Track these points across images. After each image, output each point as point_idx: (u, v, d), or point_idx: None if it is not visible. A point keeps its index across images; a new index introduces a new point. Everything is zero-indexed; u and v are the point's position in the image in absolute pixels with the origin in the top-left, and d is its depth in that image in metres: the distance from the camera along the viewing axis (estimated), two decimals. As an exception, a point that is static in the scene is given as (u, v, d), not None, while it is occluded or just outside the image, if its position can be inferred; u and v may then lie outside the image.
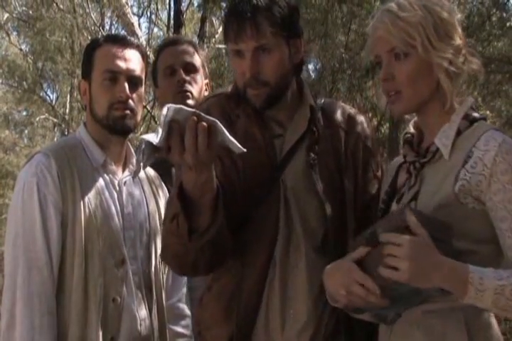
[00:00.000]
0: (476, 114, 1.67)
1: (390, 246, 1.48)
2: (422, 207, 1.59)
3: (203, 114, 1.53)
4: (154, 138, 1.50)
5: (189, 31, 11.72)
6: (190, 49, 2.61)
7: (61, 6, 13.98)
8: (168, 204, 1.76)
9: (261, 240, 1.77)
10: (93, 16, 13.18)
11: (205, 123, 1.51)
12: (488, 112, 7.54)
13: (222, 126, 1.53)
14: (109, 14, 13.78)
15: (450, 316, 1.57)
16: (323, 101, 1.91)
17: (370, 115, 10.11)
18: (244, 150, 1.53)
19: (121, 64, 2.07)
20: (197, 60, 2.60)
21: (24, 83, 14.50)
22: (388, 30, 1.62)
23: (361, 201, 1.84)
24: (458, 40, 1.65)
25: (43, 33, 13.63)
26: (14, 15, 14.85)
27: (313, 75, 12.85)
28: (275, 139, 1.82)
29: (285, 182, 1.79)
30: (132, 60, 2.09)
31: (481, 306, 1.51)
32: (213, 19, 12.98)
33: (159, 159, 1.63)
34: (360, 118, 1.92)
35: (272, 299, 1.77)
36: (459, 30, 1.67)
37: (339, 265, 1.63)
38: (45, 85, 15.10)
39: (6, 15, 15.13)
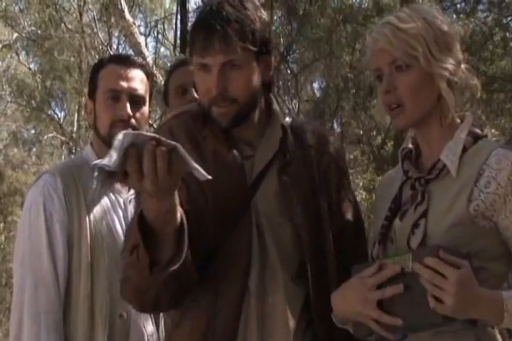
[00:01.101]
0: (478, 131, 1.66)
1: (436, 277, 1.45)
2: (433, 225, 1.57)
3: (163, 138, 1.40)
4: (107, 162, 1.37)
5: (195, 51, 11.81)
6: None
7: (69, 26, 14.13)
8: (128, 234, 1.59)
9: (233, 270, 1.63)
10: (101, 36, 13.31)
11: (164, 148, 1.38)
12: (493, 130, 7.57)
13: (184, 151, 1.40)
14: (116, 34, 13.94)
15: (462, 336, 1.56)
16: (291, 120, 1.80)
17: (374, 133, 10.16)
18: (209, 177, 1.39)
19: (123, 83, 2.10)
20: None
21: (33, 102, 14.61)
22: (389, 41, 1.60)
23: (336, 223, 1.74)
24: (457, 53, 1.65)
25: (52, 53, 13.77)
26: (23, 34, 14.99)
27: (318, 94, 12.94)
28: (245, 160, 1.69)
29: (257, 206, 1.67)
30: (135, 80, 2.13)
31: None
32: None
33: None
34: (331, 137, 1.83)
35: (248, 335, 1.64)
36: (458, 44, 1.66)
37: (348, 285, 1.61)
38: (53, 104, 15.22)
39: (15, 34, 15.28)
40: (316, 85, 14.18)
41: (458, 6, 9.09)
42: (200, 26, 1.64)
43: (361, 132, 10.63)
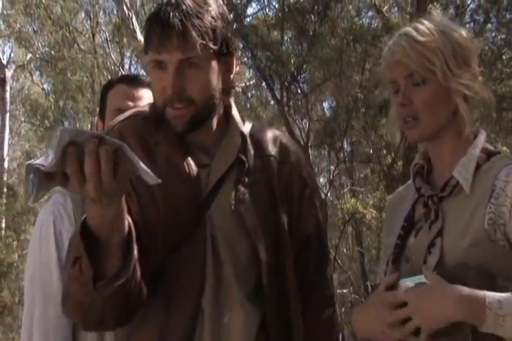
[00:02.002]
0: (491, 147, 1.63)
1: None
2: (450, 244, 1.54)
3: (106, 137, 1.24)
4: (42, 161, 1.19)
5: (207, 70, 11.92)
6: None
7: (82, 47, 14.29)
8: (70, 244, 1.43)
9: (186, 287, 1.51)
10: (113, 56, 13.47)
11: (108, 147, 1.22)
12: (504, 148, 7.60)
13: (131, 152, 1.25)
14: (128, 54, 14.10)
15: None
16: (252, 126, 1.66)
17: (384, 152, 10.20)
18: (159, 181, 1.24)
19: (130, 103, 2.13)
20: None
21: (46, 121, 14.72)
22: (407, 54, 1.57)
23: (297, 237, 1.64)
24: (475, 67, 1.62)
25: (65, 73, 13.91)
26: (37, 55, 15.19)
27: (328, 113, 13.02)
28: (201, 169, 1.56)
29: (212, 219, 1.54)
30: (142, 99, 2.14)
31: (503, 335, 1.42)
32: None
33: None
34: (294, 146, 1.71)
35: None
36: (476, 56, 1.63)
37: (369, 303, 1.59)
38: (66, 123, 15.30)
39: (29, 55, 15.49)
40: (326, 105, 14.26)
41: (467, 25, 9.18)
42: (157, 19, 1.49)
43: (371, 151, 10.69)
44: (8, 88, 14.24)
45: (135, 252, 1.38)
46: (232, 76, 1.57)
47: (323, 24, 10.08)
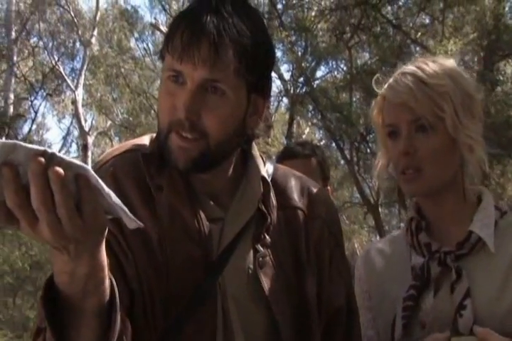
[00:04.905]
0: (503, 205, 1.51)
1: None
2: (483, 307, 1.38)
3: (59, 154, 0.83)
4: None
5: (277, 132, 12.27)
6: (312, 163, 2.31)
7: (159, 113, 14.92)
8: (38, 310, 1.02)
9: None
10: (188, 121, 14.02)
11: (60, 170, 0.81)
12: None
13: (99, 180, 0.85)
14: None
15: None
16: (274, 168, 1.33)
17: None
18: (141, 225, 0.90)
19: None
20: (317, 175, 2.30)
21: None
22: (414, 97, 1.37)
23: (326, 310, 1.30)
24: (479, 120, 1.45)
25: (143, 138, 14.54)
26: (116, 122, 15.95)
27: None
28: (212, 224, 1.22)
29: (224, 287, 1.21)
30: None
31: None
32: (300, 121, 13.56)
33: None
34: (325, 197, 1.37)
35: None
36: (481, 109, 1.46)
37: None
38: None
39: (109, 122, 16.27)
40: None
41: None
42: (188, 20, 1.14)
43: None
44: (89, 154, 14.89)
45: (117, 326, 1.00)
46: (258, 121, 1.23)
47: (390, 85, 10.29)
